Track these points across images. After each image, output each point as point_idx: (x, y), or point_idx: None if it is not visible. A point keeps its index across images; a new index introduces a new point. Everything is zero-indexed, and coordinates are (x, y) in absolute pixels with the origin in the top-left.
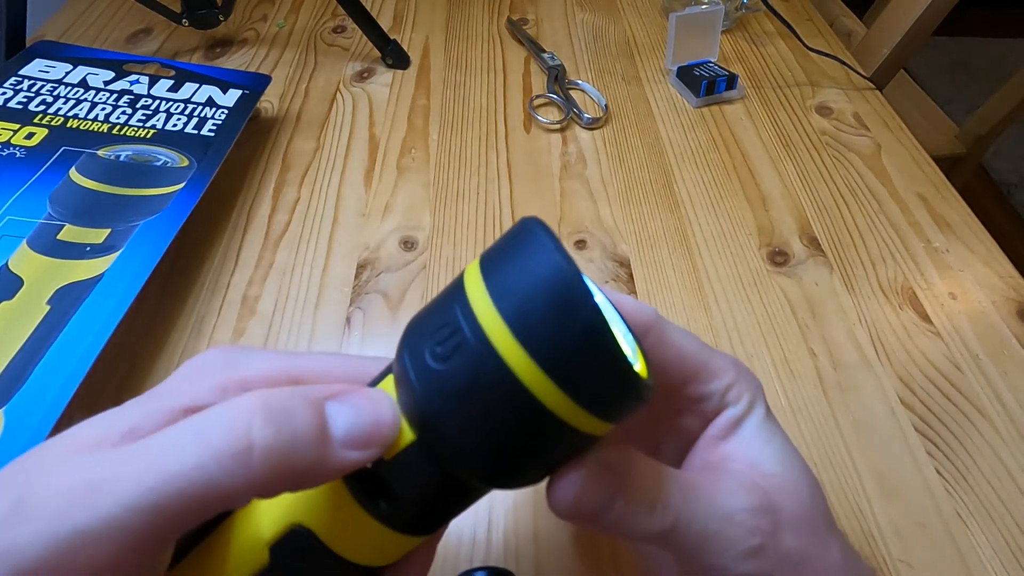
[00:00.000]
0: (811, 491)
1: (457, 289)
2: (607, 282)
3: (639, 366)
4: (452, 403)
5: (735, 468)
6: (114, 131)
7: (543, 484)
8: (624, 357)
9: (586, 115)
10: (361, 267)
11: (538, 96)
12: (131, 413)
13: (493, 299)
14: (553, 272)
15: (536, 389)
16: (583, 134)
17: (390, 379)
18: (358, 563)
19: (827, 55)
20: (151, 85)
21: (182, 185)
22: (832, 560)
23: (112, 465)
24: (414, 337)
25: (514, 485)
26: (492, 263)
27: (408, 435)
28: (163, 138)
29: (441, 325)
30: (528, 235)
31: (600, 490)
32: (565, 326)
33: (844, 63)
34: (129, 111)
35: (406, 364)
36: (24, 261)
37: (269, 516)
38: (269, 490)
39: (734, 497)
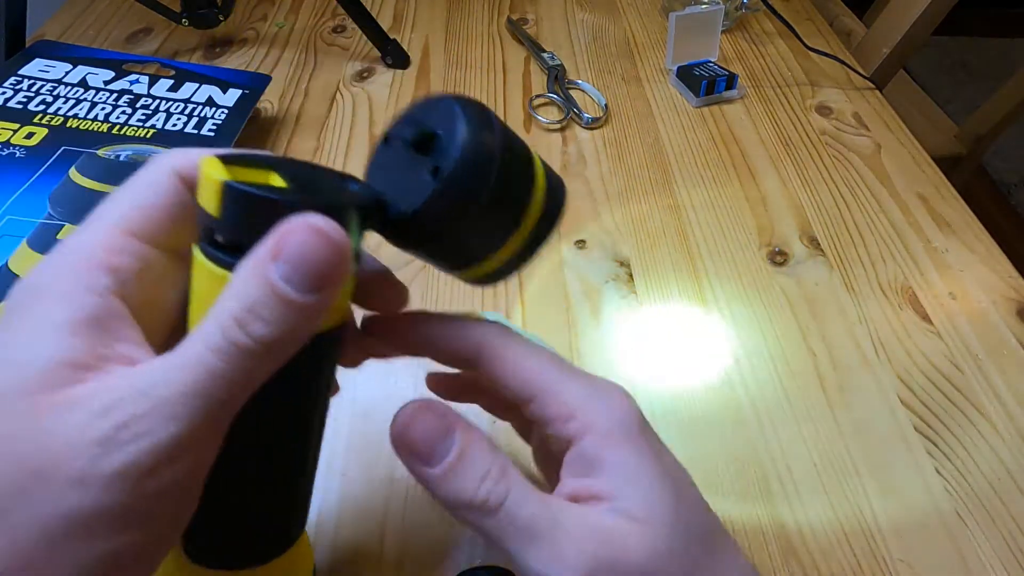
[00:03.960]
0: (680, 540)
1: None
2: (607, 282)
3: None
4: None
5: (585, 513)
6: (114, 131)
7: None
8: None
9: (586, 115)
10: None
11: (538, 96)
12: (54, 342)
13: None
14: None
15: None
16: (583, 134)
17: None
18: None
19: (827, 55)
20: (151, 85)
21: None
22: None
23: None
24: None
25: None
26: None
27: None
28: (163, 138)
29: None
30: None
31: (436, 424)
32: None
33: (844, 63)
34: (129, 111)
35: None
36: (24, 261)
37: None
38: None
39: (566, 546)
